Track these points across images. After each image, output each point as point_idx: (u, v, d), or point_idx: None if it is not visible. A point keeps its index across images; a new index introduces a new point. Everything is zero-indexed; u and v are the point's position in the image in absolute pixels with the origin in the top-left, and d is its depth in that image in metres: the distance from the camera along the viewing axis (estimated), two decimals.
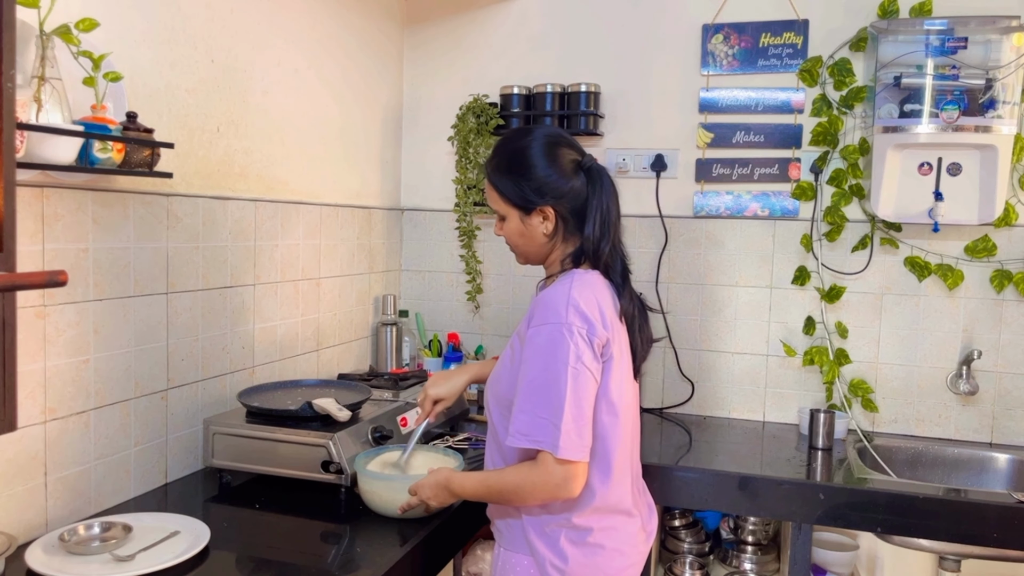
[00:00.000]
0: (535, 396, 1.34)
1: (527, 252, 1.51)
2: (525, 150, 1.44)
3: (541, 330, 1.36)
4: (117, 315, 1.67)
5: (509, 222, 1.48)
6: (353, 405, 1.87)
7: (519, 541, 1.48)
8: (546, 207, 1.43)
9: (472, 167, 2.73)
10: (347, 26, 2.51)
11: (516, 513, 1.48)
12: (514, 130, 1.49)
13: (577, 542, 1.43)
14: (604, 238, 1.44)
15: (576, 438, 1.33)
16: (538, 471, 1.34)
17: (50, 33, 1.33)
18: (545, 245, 1.48)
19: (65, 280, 0.86)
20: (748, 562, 2.46)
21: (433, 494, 1.53)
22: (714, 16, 2.58)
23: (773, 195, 2.56)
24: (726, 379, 2.65)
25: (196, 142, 1.88)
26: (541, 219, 1.45)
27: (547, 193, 1.43)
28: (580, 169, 1.45)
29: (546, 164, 1.43)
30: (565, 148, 1.45)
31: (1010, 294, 2.38)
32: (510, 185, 1.45)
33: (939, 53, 2.22)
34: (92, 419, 1.62)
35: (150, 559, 1.39)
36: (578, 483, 1.34)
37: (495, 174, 1.48)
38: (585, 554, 1.43)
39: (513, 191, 1.44)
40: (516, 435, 1.35)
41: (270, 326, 2.19)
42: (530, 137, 1.46)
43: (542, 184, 1.42)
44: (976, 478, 2.36)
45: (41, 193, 1.47)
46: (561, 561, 1.42)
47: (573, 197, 1.43)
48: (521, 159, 1.44)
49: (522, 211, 1.45)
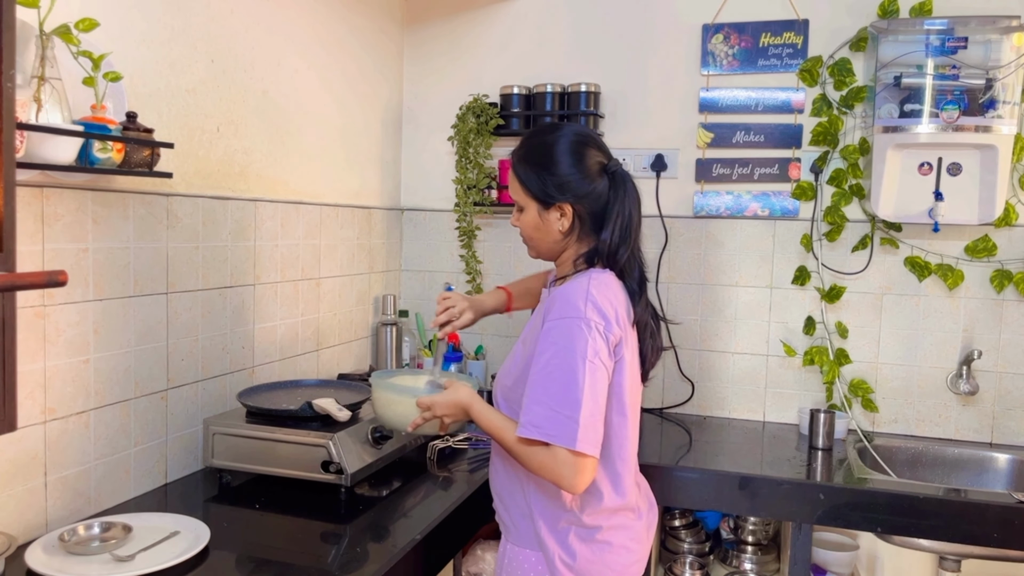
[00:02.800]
0: (552, 388, 1.33)
1: (540, 246, 1.52)
2: (553, 145, 1.45)
3: (559, 323, 1.36)
4: (117, 315, 1.67)
5: (527, 213, 1.49)
6: (353, 405, 1.87)
7: (528, 537, 1.48)
8: (565, 204, 1.44)
9: (472, 167, 2.73)
10: (347, 26, 2.51)
11: (528, 510, 1.48)
12: (546, 124, 1.52)
13: (586, 539, 1.44)
14: (624, 244, 1.44)
15: (592, 433, 1.32)
16: (552, 458, 1.33)
17: (50, 33, 1.33)
18: (559, 242, 1.49)
19: (65, 280, 0.86)
20: (748, 562, 2.46)
21: (450, 412, 1.47)
22: (714, 16, 2.58)
23: (773, 195, 2.56)
24: (726, 379, 2.65)
25: (196, 142, 1.88)
26: (559, 215, 1.46)
27: (568, 191, 1.43)
28: (605, 172, 1.46)
29: (572, 162, 1.44)
30: (593, 149, 1.46)
31: (1010, 294, 2.38)
32: (533, 177, 1.46)
33: (939, 53, 2.22)
34: (92, 419, 1.62)
35: (150, 559, 1.39)
36: (586, 478, 1.33)
37: (520, 164, 1.48)
38: (593, 551, 1.44)
39: (535, 183, 1.45)
40: (528, 426, 1.33)
41: (270, 326, 2.19)
42: (559, 133, 1.47)
43: (565, 181, 1.43)
44: (976, 478, 2.36)
45: (41, 193, 1.47)
46: (570, 557, 1.43)
47: (594, 199, 1.44)
48: (548, 153, 1.45)
49: (541, 204, 1.46)
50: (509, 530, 1.53)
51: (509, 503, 1.53)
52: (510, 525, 1.53)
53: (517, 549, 1.50)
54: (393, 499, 1.81)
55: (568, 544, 1.44)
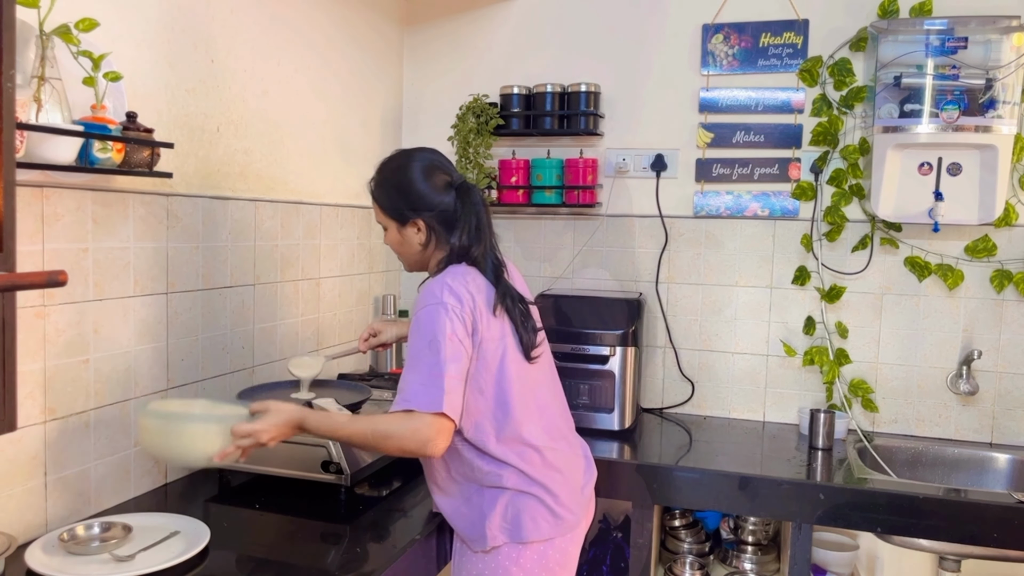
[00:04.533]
0: (420, 364, 1.47)
1: (408, 259, 1.70)
2: (403, 170, 1.63)
3: (423, 312, 1.51)
4: (117, 315, 1.67)
5: (390, 233, 1.66)
6: (353, 405, 1.86)
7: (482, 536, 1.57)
8: (419, 220, 1.61)
9: (472, 167, 2.73)
10: (347, 26, 2.51)
11: (480, 512, 1.57)
12: (397, 152, 1.71)
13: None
14: (476, 243, 1.60)
15: (455, 398, 1.46)
16: (414, 423, 1.43)
17: (50, 33, 1.33)
18: (422, 253, 1.65)
19: (65, 280, 0.86)
20: (748, 562, 2.46)
21: (280, 433, 1.48)
22: (714, 16, 2.58)
23: (773, 195, 2.56)
24: (726, 379, 2.65)
25: (196, 142, 1.88)
26: (416, 230, 1.62)
27: (420, 208, 1.60)
28: (452, 187, 1.62)
29: (420, 182, 1.60)
30: (438, 170, 1.63)
31: (1010, 294, 2.38)
32: (388, 200, 1.63)
33: (939, 53, 2.22)
34: (92, 419, 1.62)
35: (150, 559, 1.39)
36: (445, 440, 1.46)
37: (377, 190, 1.66)
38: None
39: (391, 205, 1.63)
40: (400, 401, 1.46)
41: (270, 326, 2.19)
42: (408, 159, 1.64)
43: (416, 200, 1.60)
44: (976, 478, 2.36)
45: (41, 193, 1.47)
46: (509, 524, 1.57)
47: (444, 211, 1.61)
48: (399, 178, 1.63)
49: (399, 223, 1.63)
50: (476, 541, 1.58)
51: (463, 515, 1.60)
52: (476, 536, 1.58)
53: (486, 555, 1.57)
54: (393, 499, 1.81)
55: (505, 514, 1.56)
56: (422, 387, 1.45)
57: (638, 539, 2.18)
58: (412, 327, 1.53)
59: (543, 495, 1.57)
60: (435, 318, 1.49)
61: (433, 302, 1.51)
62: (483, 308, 1.56)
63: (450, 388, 1.45)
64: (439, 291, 1.52)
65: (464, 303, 1.52)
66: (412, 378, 1.47)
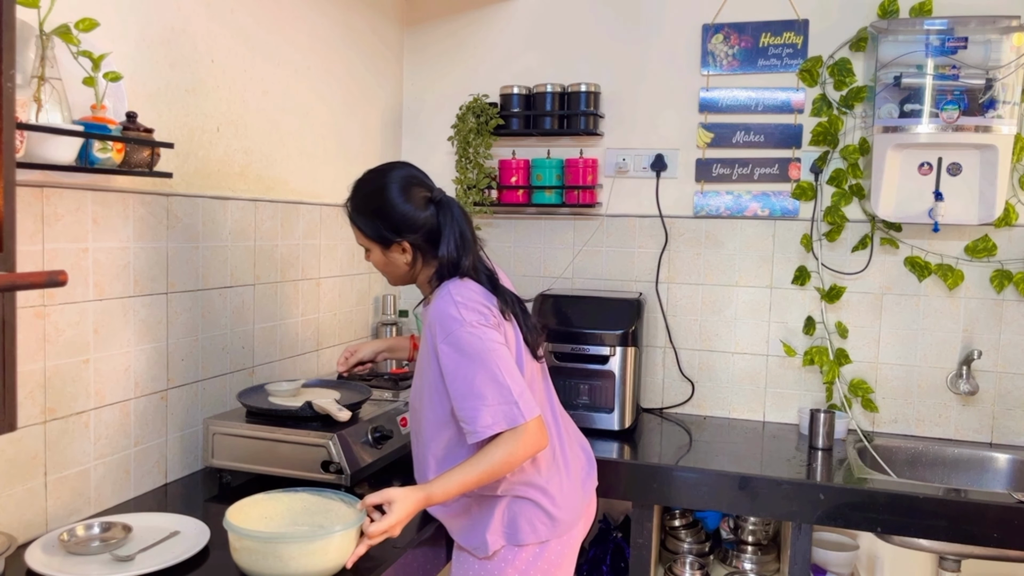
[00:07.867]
0: (483, 389, 1.44)
1: (393, 278, 1.67)
2: (380, 192, 1.58)
3: (449, 339, 1.48)
4: (117, 315, 1.67)
5: (373, 254, 1.63)
6: (353, 405, 1.86)
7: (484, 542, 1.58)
8: (403, 241, 1.57)
9: (472, 167, 2.73)
10: (347, 26, 2.51)
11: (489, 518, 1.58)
12: (370, 172, 1.66)
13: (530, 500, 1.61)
14: (463, 255, 1.57)
15: (529, 398, 1.47)
16: (520, 436, 1.44)
17: (50, 33, 1.33)
18: (409, 271, 1.63)
19: (65, 280, 0.86)
20: (748, 562, 2.46)
21: (406, 520, 1.43)
22: (714, 16, 2.58)
23: (773, 195, 2.56)
24: (726, 379, 2.65)
25: (196, 142, 1.88)
26: (401, 251, 1.59)
27: (403, 229, 1.56)
28: (431, 203, 1.58)
29: (400, 203, 1.56)
30: (416, 187, 1.58)
31: (1010, 294, 2.38)
32: (369, 224, 1.58)
33: (939, 53, 2.22)
34: (92, 419, 1.62)
35: (150, 559, 1.39)
36: (544, 432, 1.48)
37: (355, 214, 1.61)
38: None
39: (372, 230, 1.58)
40: (483, 429, 1.44)
41: (270, 326, 2.19)
42: (384, 180, 1.59)
43: (397, 222, 1.56)
44: (976, 478, 2.36)
45: (41, 193, 1.47)
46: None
47: (427, 229, 1.57)
48: (377, 201, 1.57)
49: (382, 246, 1.59)
50: (477, 548, 1.59)
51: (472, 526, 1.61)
52: (477, 544, 1.58)
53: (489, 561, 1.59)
54: None
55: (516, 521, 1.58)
56: (499, 407, 1.44)
57: (638, 539, 2.18)
58: (451, 357, 1.48)
59: (540, 498, 1.57)
60: (468, 341, 1.47)
61: (456, 326, 1.48)
62: (498, 315, 1.55)
63: (519, 393, 1.45)
64: (456, 312, 1.49)
65: (484, 314, 1.51)
66: (483, 405, 1.44)
